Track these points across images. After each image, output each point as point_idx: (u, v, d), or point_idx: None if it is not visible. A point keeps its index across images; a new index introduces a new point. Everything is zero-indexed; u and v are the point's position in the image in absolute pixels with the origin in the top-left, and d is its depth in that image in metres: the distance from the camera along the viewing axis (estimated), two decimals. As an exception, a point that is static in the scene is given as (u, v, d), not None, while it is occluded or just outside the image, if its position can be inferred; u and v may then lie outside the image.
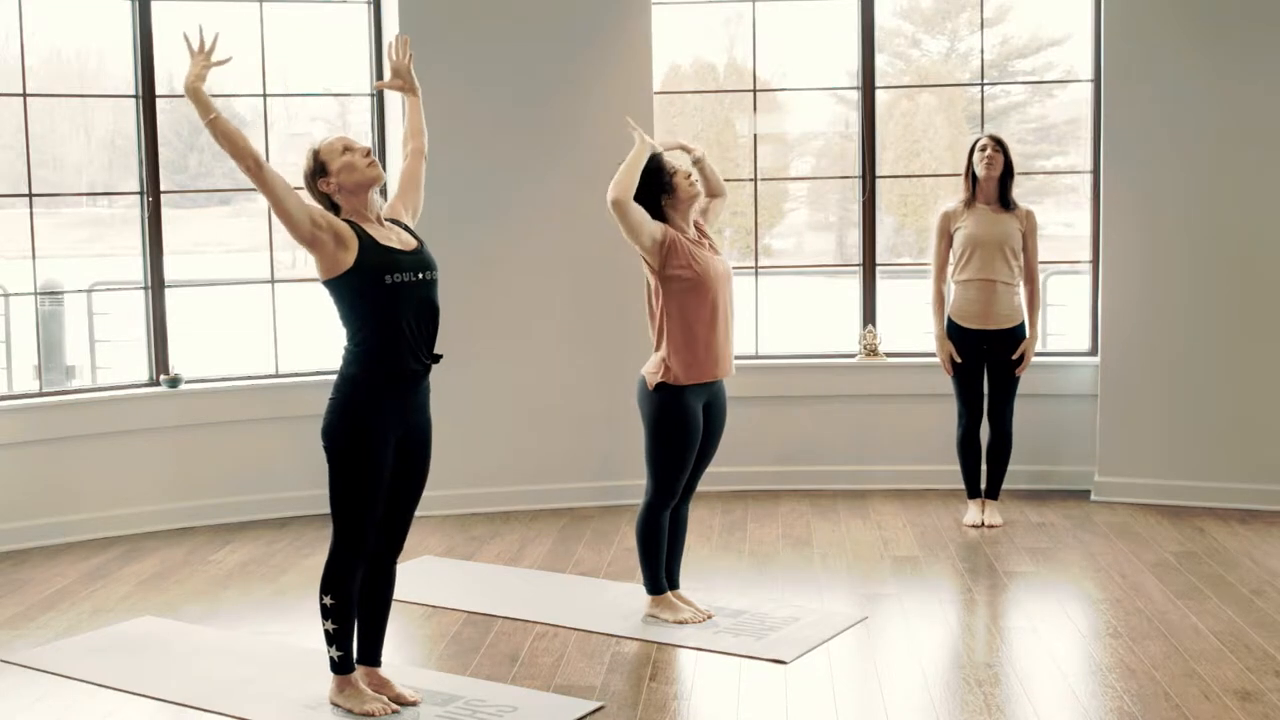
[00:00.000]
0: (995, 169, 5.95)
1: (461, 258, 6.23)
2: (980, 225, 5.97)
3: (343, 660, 3.96)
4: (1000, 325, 5.99)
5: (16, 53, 6.14)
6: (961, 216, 6.04)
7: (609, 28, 6.56)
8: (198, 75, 3.71)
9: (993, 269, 5.94)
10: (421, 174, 4.19)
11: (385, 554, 4.00)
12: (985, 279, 5.95)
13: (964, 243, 5.99)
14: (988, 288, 5.95)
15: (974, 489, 6.19)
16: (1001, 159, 5.96)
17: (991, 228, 5.96)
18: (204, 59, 3.75)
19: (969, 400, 6.10)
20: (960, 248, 6.01)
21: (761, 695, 4.12)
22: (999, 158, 5.96)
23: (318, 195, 3.85)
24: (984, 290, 5.96)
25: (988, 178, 5.96)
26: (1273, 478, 6.38)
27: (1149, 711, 3.91)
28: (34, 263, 6.29)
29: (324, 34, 6.97)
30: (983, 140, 6.02)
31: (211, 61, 3.76)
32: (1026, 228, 6.00)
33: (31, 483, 6.07)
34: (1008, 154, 6.00)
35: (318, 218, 3.72)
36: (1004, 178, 5.98)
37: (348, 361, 3.82)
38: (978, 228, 5.97)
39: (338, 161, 3.81)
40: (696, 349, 4.58)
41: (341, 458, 3.79)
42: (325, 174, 3.82)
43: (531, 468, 6.66)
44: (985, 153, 5.96)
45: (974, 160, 6.01)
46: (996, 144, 5.98)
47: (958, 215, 6.06)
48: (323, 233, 3.72)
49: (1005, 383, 6.06)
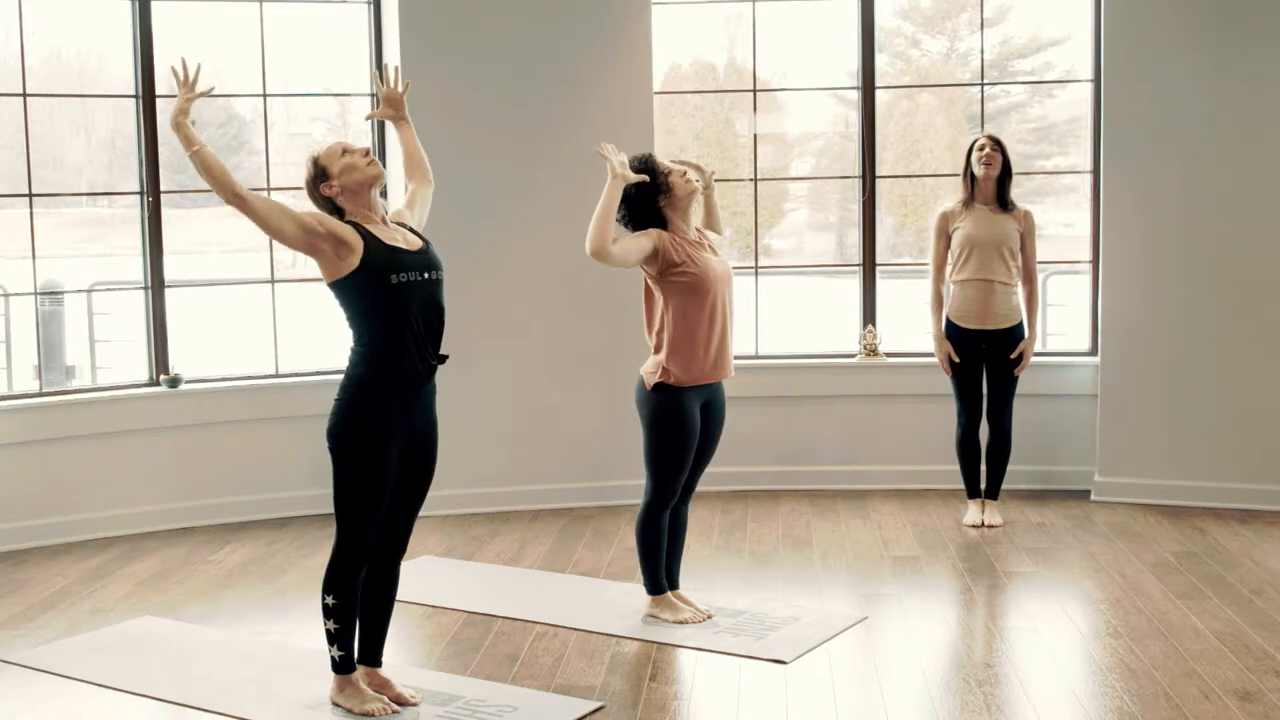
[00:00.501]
0: (994, 169, 5.95)
1: (461, 257, 6.22)
2: (978, 226, 5.96)
3: (344, 660, 3.96)
4: (998, 325, 5.98)
5: (16, 53, 6.14)
6: (960, 217, 6.03)
7: (609, 28, 6.56)
8: (181, 109, 3.72)
9: (991, 269, 5.93)
10: (429, 197, 4.23)
11: (389, 555, 4.00)
12: (983, 279, 5.94)
13: (962, 243, 5.98)
14: (985, 288, 5.95)
15: (974, 489, 6.19)
16: (1000, 159, 5.96)
17: (989, 228, 5.95)
18: (188, 92, 3.75)
19: (968, 400, 6.09)
20: (958, 248, 6.00)
21: (761, 695, 4.12)
22: (997, 157, 5.95)
23: (321, 201, 3.85)
24: (982, 290, 5.95)
25: (986, 178, 5.96)
26: (1273, 478, 6.38)
27: (1149, 711, 3.91)
28: (34, 263, 6.29)
29: (324, 34, 6.97)
30: (981, 140, 6.01)
31: (196, 94, 3.76)
32: (1025, 228, 5.99)
33: (31, 483, 6.07)
34: (1006, 154, 5.99)
35: (311, 224, 3.71)
36: (1002, 178, 5.97)
37: (354, 362, 3.82)
38: (976, 228, 5.96)
39: (338, 164, 3.82)
40: (697, 351, 4.57)
41: (347, 459, 3.79)
42: (327, 178, 3.82)
43: (531, 468, 6.66)
44: (984, 152, 5.95)
45: (972, 160, 6.00)
46: (995, 144, 5.98)
47: (956, 215, 6.05)
48: (320, 239, 3.72)
49: (1004, 383, 6.05)
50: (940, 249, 6.07)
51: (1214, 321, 6.42)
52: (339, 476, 3.82)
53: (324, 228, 3.73)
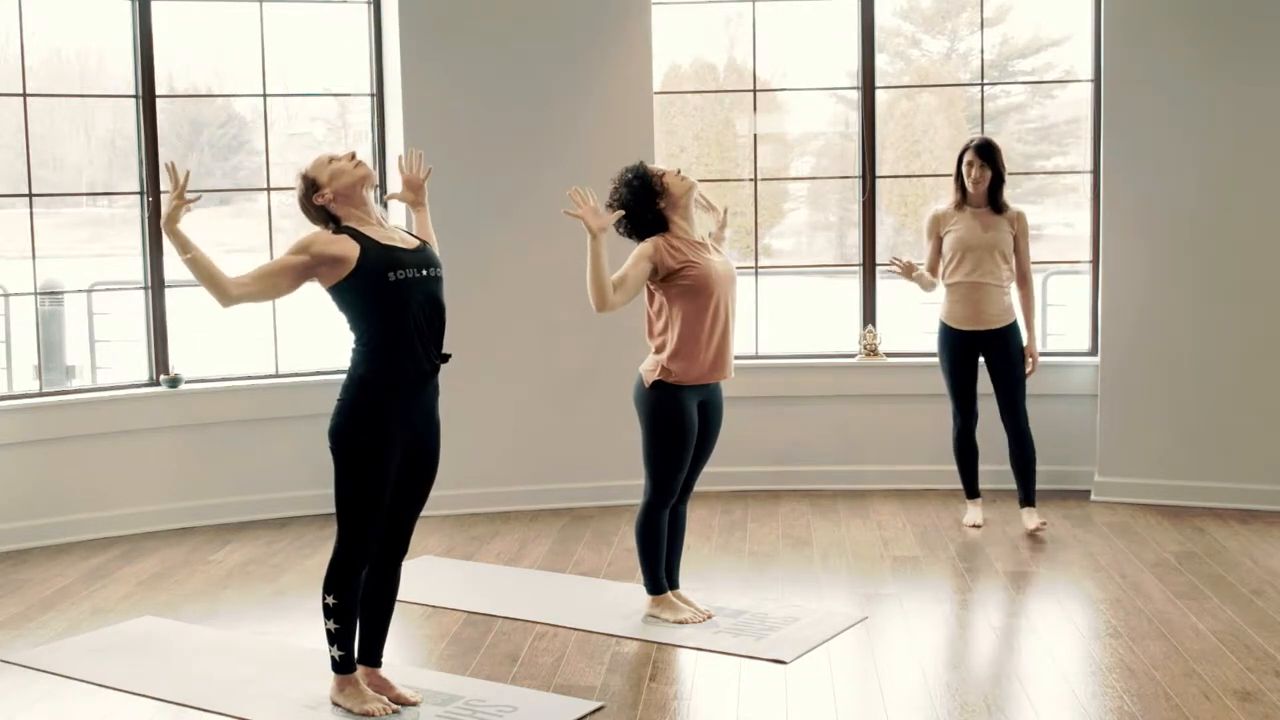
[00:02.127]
0: (982, 185, 5.88)
1: (461, 258, 6.22)
2: (970, 230, 5.90)
3: (344, 660, 3.97)
4: (990, 325, 5.93)
5: (16, 53, 6.14)
6: (951, 220, 5.98)
7: (609, 28, 6.56)
8: (171, 216, 3.73)
9: (982, 272, 5.88)
10: None
11: (390, 555, 4.00)
12: (975, 282, 5.89)
13: (953, 246, 5.93)
14: (977, 290, 5.90)
15: (972, 489, 6.16)
16: (989, 173, 5.86)
17: (982, 232, 5.89)
18: (178, 197, 3.75)
19: (962, 400, 6.05)
20: (950, 251, 5.95)
21: (761, 695, 4.12)
22: (985, 174, 5.85)
23: (315, 212, 3.86)
24: (973, 292, 5.91)
25: (976, 191, 5.90)
26: (1273, 478, 6.38)
27: (1149, 711, 3.91)
28: (34, 263, 6.29)
29: (324, 34, 6.97)
30: (969, 156, 5.88)
31: (186, 200, 3.76)
32: (1018, 230, 5.93)
33: (31, 483, 6.07)
34: (996, 162, 5.87)
35: (301, 261, 3.75)
36: (993, 185, 5.89)
37: (356, 363, 3.83)
38: (968, 232, 5.90)
39: (325, 172, 3.84)
40: (698, 352, 4.57)
41: (349, 459, 3.79)
42: (317, 188, 3.84)
43: (531, 468, 6.66)
44: (971, 171, 5.86)
45: (962, 169, 5.93)
46: (981, 159, 5.85)
47: (948, 218, 5.99)
48: (314, 269, 3.77)
49: (1009, 383, 5.98)
50: (933, 251, 6.03)
51: (1214, 321, 6.42)
52: (340, 477, 3.82)
53: (313, 256, 3.76)
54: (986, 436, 6.18)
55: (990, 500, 6.52)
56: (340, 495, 3.83)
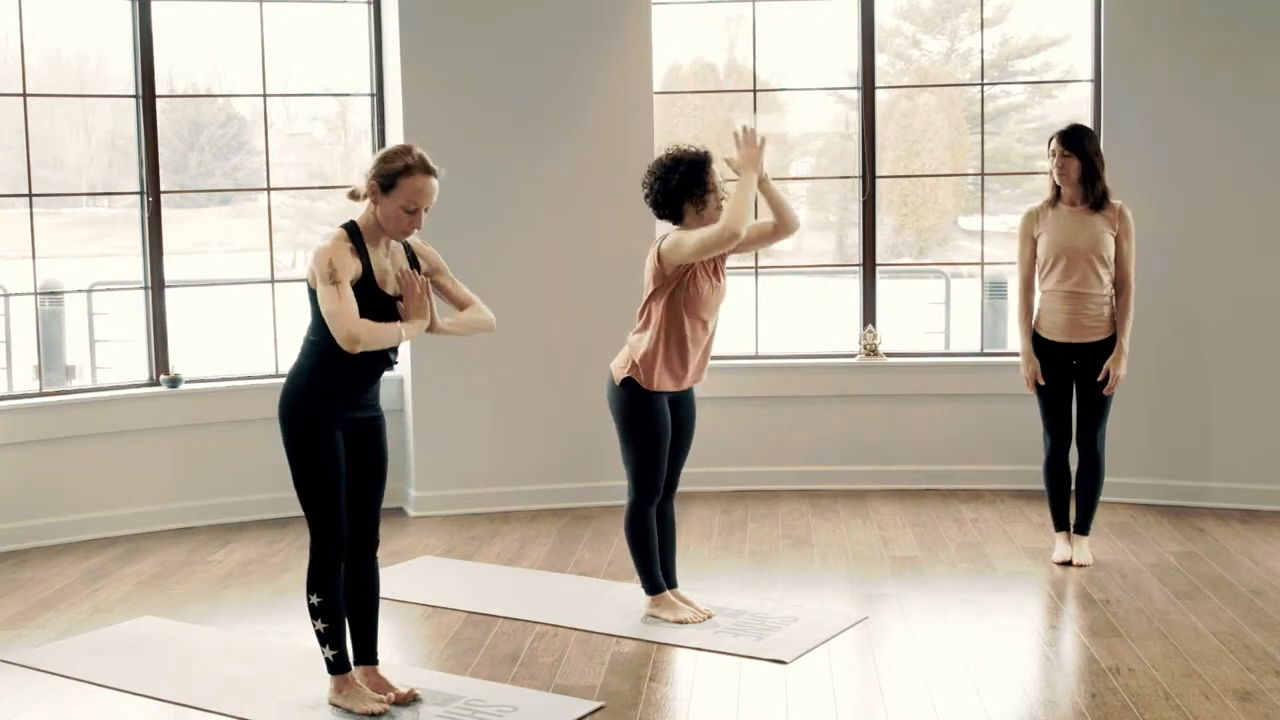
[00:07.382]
0: (1070, 176, 5.30)
1: (461, 257, 6.20)
2: (1064, 231, 5.33)
3: (338, 659, 3.98)
4: (1088, 339, 5.35)
5: (16, 53, 6.14)
6: (1045, 219, 5.40)
7: (609, 28, 6.56)
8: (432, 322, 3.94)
9: (1079, 278, 5.30)
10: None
11: (361, 550, 4.02)
12: (1070, 290, 5.32)
13: (1047, 249, 5.35)
14: (1073, 298, 5.32)
15: (1061, 520, 5.58)
16: (1076, 164, 5.27)
17: (1076, 234, 5.31)
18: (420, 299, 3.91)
19: (1056, 422, 5.47)
20: (1044, 255, 5.37)
21: (761, 695, 4.12)
22: (1072, 165, 5.28)
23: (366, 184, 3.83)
24: (1069, 301, 5.32)
25: (1065, 185, 5.33)
26: (1273, 478, 6.38)
27: (1149, 711, 3.91)
28: (34, 263, 6.29)
29: (324, 34, 6.98)
30: (1053, 145, 5.33)
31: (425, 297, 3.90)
32: (1119, 230, 5.33)
33: (31, 483, 6.07)
34: (1086, 151, 5.27)
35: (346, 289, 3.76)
36: (1086, 178, 5.30)
37: (305, 353, 3.93)
38: (1061, 234, 5.32)
39: (399, 201, 3.78)
40: (672, 363, 4.60)
41: (298, 443, 3.88)
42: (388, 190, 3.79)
43: (531, 468, 6.66)
44: (1054, 160, 5.32)
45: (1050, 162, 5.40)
46: (1067, 148, 5.29)
47: (1041, 217, 5.40)
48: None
49: (1095, 402, 5.41)
50: (1026, 255, 5.43)
51: (1213, 321, 6.41)
52: (295, 465, 3.89)
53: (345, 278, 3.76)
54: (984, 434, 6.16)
55: (991, 500, 6.52)
56: (300, 488, 3.89)
